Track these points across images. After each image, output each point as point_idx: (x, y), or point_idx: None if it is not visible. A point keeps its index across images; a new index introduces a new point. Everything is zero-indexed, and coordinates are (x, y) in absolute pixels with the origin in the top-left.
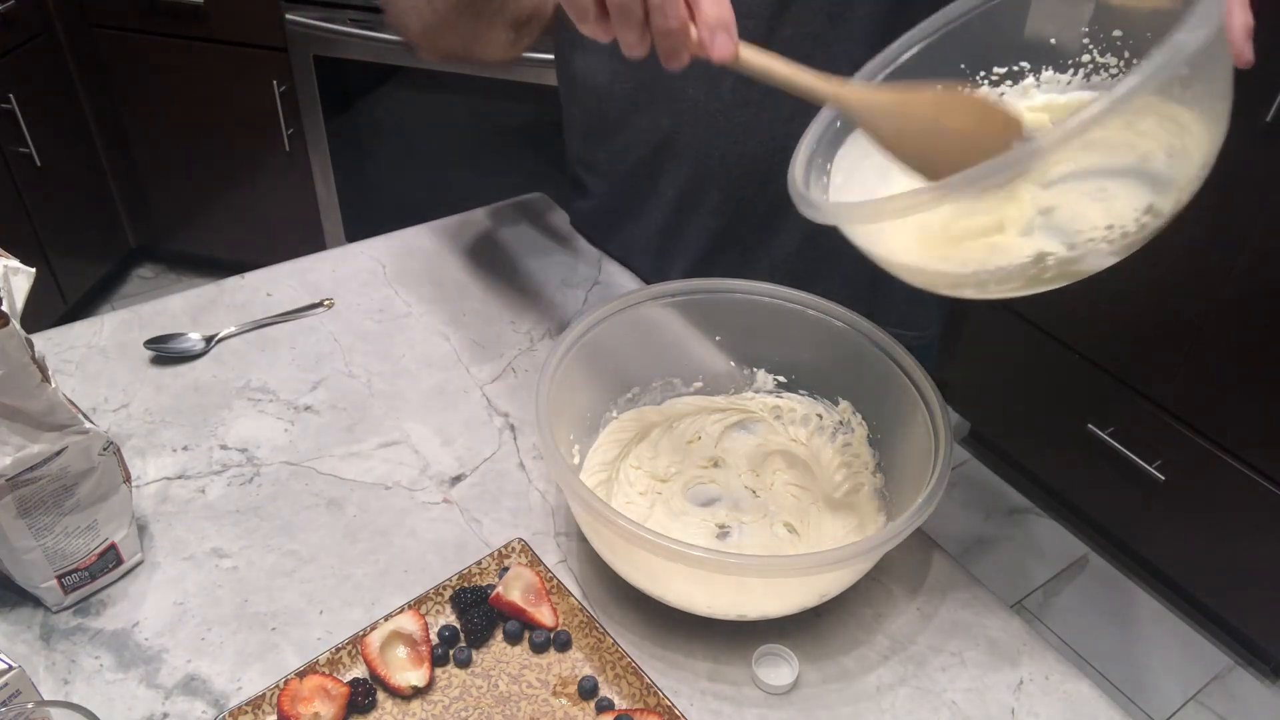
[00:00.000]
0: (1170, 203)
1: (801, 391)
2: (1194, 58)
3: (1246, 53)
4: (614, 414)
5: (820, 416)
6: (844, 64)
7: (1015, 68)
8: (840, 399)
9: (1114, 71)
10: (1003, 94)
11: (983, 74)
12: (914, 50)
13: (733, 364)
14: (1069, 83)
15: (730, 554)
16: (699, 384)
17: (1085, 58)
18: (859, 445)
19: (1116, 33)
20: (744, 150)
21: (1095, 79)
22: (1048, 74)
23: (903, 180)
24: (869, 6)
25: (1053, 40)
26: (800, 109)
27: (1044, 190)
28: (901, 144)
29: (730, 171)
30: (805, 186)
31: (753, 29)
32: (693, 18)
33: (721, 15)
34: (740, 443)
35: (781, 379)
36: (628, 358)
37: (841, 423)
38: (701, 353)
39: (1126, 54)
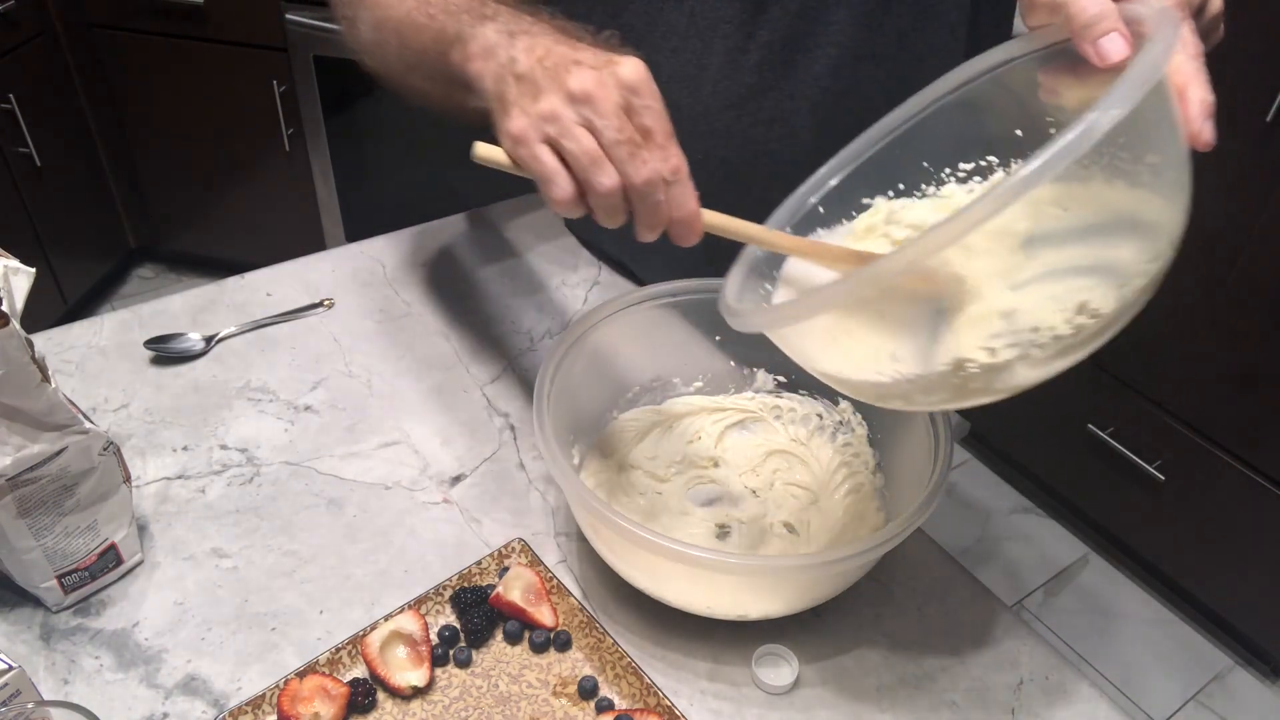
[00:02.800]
0: (1112, 299)
1: (801, 391)
2: (1114, 138)
3: (1205, 133)
4: (614, 414)
5: (820, 416)
6: (821, 70)
7: (983, 162)
8: (840, 399)
9: None
10: (972, 190)
11: (947, 170)
12: (882, 144)
13: (733, 364)
14: None
15: (730, 554)
16: (699, 384)
17: None
18: (859, 445)
19: None
20: (726, 154)
21: None
22: (1016, 167)
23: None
24: (845, 10)
25: (1019, 132)
26: (780, 114)
27: (1011, 292)
28: None
29: (713, 175)
30: (738, 297)
31: (730, 34)
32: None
33: (691, 213)
34: (740, 443)
35: (781, 379)
36: (628, 358)
37: (841, 423)
38: (701, 353)
39: None
